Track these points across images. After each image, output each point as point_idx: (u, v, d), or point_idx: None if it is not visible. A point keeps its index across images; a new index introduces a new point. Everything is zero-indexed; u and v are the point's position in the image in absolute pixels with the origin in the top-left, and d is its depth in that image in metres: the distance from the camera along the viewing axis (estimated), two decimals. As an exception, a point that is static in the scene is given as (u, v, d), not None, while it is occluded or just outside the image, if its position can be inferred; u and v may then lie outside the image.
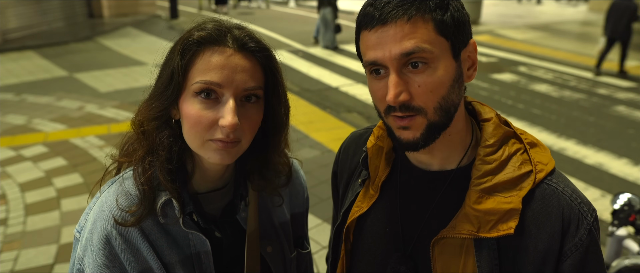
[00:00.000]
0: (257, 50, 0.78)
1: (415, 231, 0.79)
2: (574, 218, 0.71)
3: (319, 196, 3.51)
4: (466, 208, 0.72)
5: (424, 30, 0.66)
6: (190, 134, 0.77)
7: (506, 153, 0.74)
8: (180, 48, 0.76)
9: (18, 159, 4.05)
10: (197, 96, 0.75)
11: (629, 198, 1.94)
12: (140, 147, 0.80)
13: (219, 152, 0.76)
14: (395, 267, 0.80)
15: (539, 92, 6.87)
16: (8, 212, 3.24)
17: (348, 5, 15.56)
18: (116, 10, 13.19)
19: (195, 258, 0.83)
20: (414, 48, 0.65)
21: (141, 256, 0.79)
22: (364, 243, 0.86)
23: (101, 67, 7.46)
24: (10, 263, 2.71)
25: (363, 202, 0.86)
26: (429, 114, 0.69)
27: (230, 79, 0.74)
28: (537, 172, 0.72)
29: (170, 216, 0.81)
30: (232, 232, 0.90)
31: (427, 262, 0.76)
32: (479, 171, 0.73)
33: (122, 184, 0.82)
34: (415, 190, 0.81)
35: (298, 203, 1.04)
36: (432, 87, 0.67)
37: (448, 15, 0.68)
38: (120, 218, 0.78)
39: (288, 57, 8.67)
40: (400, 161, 0.84)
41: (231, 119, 0.72)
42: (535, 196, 0.72)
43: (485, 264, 0.71)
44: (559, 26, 14.91)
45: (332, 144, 4.56)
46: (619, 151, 4.71)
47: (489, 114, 0.78)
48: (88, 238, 0.78)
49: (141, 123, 0.80)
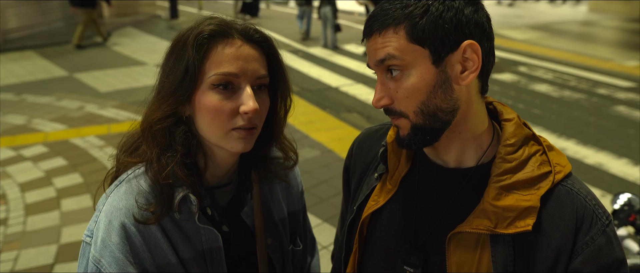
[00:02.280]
0: (262, 40, 0.83)
1: (430, 226, 0.81)
2: (588, 218, 0.72)
3: (319, 196, 3.52)
4: (485, 204, 0.74)
5: (395, 40, 0.71)
6: (212, 126, 0.79)
7: (526, 153, 0.75)
8: (193, 42, 0.77)
9: (18, 159, 4.05)
10: (214, 88, 0.77)
11: (629, 198, 1.93)
12: (153, 147, 0.80)
13: (242, 140, 0.79)
14: (405, 257, 0.81)
15: (539, 92, 6.88)
16: (8, 212, 3.24)
17: (347, 5, 15.56)
18: (116, 10, 13.18)
19: (208, 254, 0.84)
20: (385, 56, 0.71)
21: (161, 251, 0.80)
22: (378, 237, 0.87)
23: (101, 67, 7.46)
24: (10, 263, 2.71)
25: (379, 196, 0.87)
26: (411, 117, 0.73)
27: (245, 68, 0.78)
28: (555, 173, 0.74)
29: (185, 212, 0.82)
30: (238, 227, 0.92)
31: (441, 256, 0.77)
32: (499, 168, 0.74)
33: (134, 183, 0.82)
34: (433, 186, 0.82)
35: (295, 200, 1.06)
36: (407, 93, 0.72)
37: (424, 22, 0.69)
38: (140, 217, 0.79)
39: (288, 57, 8.67)
40: (419, 158, 0.85)
41: (253, 104, 0.77)
42: (552, 197, 0.74)
43: (500, 260, 0.73)
44: (559, 26, 14.91)
45: (332, 144, 4.56)
46: (619, 151, 4.71)
47: (511, 115, 0.80)
48: (105, 238, 0.77)
49: (151, 125, 0.80)
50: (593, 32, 14.22)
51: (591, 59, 9.36)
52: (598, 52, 10.44)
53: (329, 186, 3.70)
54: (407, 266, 0.81)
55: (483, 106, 0.79)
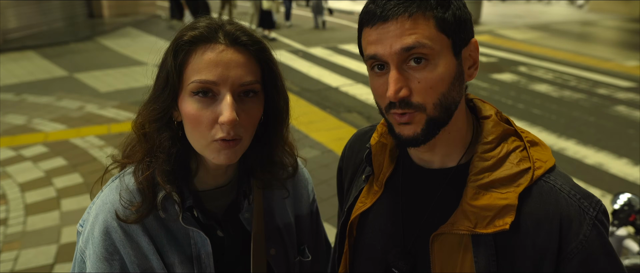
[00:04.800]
0: (250, 44, 0.77)
1: (415, 227, 0.80)
2: (575, 216, 0.70)
3: (319, 196, 3.49)
4: (464, 205, 0.73)
5: (425, 27, 0.67)
6: (193, 135, 0.77)
7: (505, 150, 0.74)
8: (172, 49, 0.76)
9: (18, 159, 4.05)
10: (194, 96, 0.74)
11: (629, 198, 1.93)
12: (141, 148, 0.81)
13: (223, 153, 0.75)
14: (394, 261, 0.81)
15: (539, 92, 6.87)
16: (8, 212, 3.24)
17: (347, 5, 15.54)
18: (116, 10, 13.17)
19: (196, 258, 0.83)
20: (414, 43, 0.66)
21: (141, 251, 0.79)
22: (366, 239, 0.87)
23: (101, 67, 7.45)
24: (10, 263, 2.71)
25: (367, 198, 0.86)
26: (428, 110, 0.70)
27: (225, 75, 0.73)
28: (535, 169, 0.72)
29: (171, 212, 0.82)
30: (235, 232, 0.89)
31: (427, 258, 0.77)
32: (476, 167, 0.73)
33: (123, 180, 0.83)
34: (417, 187, 0.82)
35: (302, 206, 1.02)
36: (432, 84, 0.68)
37: (449, 13, 0.68)
38: (122, 214, 0.79)
39: (288, 57, 8.67)
40: (403, 159, 0.84)
41: (229, 115, 0.71)
42: (533, 194, 0.72)
43: (482, 261, 0.72)
44: (559, 26, 14.90)
45: (332, 144, 4.56)
46: (619, 151, 4.71)
47: (489, 112, 0.79)
48: (90, 230, 0.80)
49: (142, 125, 0.80)
50: (593, 32, 14.21)
51: (591, 59, 9.35)
52: (598, 52, 10.43)
53: (329, 186, 3.70)
54: (395, 269, 0.81)
55: (464, 104, 0.78)
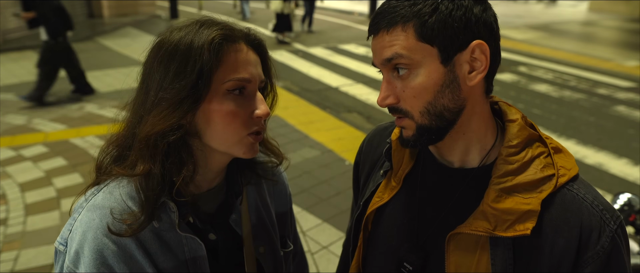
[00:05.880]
0: (259, 44, 0.83)
1: (431, 225, 0.81)
2: (596, 226, 0.70)
3: (319, 196, 3.51)
4: (484, 206, 0.73)
5: (403, 38, 0.69)
6: (226, 133, 0.76)
7: (529, 155, 0.74)
8: (209, 49, 0.73)
9: (18, 159, 4.05)
10: (229, 94, 0.76)
11: (629, 198, 1.93)
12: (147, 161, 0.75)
13: (255, 146, 0.80)
14: (406, 255, 0.82)
15: (539, 92, 6.87)
16: (8, 212, 3.24)
17: (347, 5, 15.54)
18: (116, 10, 13.18)
19: (191, 263, 0.81)
20: (392, 55, 0.70)
21: (137, 264, 0.76)
22: (381, 233, 0.88)
23: (101, 67, 7.45)
24: (10, 263, 2.71)
25: (384, 193, 0.87)
26: (415, 118, 0.73)
27: (254, 73, 0.78)
28: (559, 176, 0.72)
29: (165, 220, 0.79)
30: (226, 234, 0.88)
31: (441, 256, 0.77)
32: (500, 170, 0.73)
33: (114, 192, 0.78)
34: (436, 185, 0.82)
35: (281, 203, 1.05)
36: (414, 93, 0.71)
37: (433, 20, 0.68)
38: (115, 228, 0.75)
39: (288, 57, 8.67)
40: (423, 156, 0.85)
41: (265, 108, 0.78)
42: (555, 201, 0.72)
43: (499, 263, 0.72)
44: (559, 26, 14.91)
45: (332, 144, 4.56)
46: (619, 151, 4.71)
47: (515, 115, 0.79)
48: (78, 249, 0.75)
49: (150, 137, 0.74)
50: (593, 32, 14.22)
51: (591, 59, 9.36)
52: (598, 52, 10.44)
53: (329, 186, 3.70)
54: (406, 263, 0.81)
55: (488, 106, 0.78)
